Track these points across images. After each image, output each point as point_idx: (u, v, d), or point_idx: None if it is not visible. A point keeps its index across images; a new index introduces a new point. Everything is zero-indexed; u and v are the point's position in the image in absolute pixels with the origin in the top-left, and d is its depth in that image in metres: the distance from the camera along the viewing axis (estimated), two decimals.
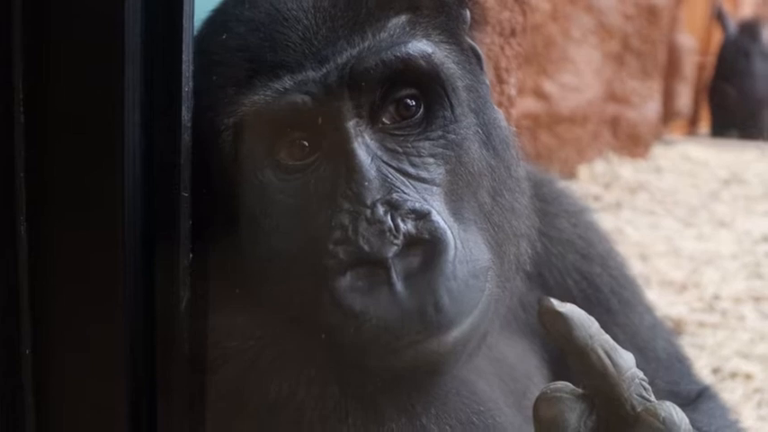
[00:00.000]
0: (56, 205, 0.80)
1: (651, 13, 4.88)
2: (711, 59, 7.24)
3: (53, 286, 0.81)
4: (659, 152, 5.27)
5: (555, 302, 0.71)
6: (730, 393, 2.10)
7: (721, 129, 7.04)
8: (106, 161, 0.79)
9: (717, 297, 2.78)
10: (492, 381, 0.95)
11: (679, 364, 1.14)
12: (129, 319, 0.81)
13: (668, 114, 5.88)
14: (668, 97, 5.82)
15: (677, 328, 2.51)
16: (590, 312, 0.73)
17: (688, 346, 2.43)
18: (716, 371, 2.24)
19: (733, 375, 2.22)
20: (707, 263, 3.15)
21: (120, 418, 0.82)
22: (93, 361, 0.82)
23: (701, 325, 2.54)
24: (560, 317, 0.70)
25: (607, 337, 0.70)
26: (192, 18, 0.79)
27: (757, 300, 2.78)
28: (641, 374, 0.70)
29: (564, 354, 0.72)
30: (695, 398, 1.11)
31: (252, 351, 0.85)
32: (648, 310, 1.15)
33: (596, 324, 0.71)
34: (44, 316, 0.81)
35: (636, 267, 1.22)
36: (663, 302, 2.61)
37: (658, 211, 3.95)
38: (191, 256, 0.83)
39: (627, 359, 0.70)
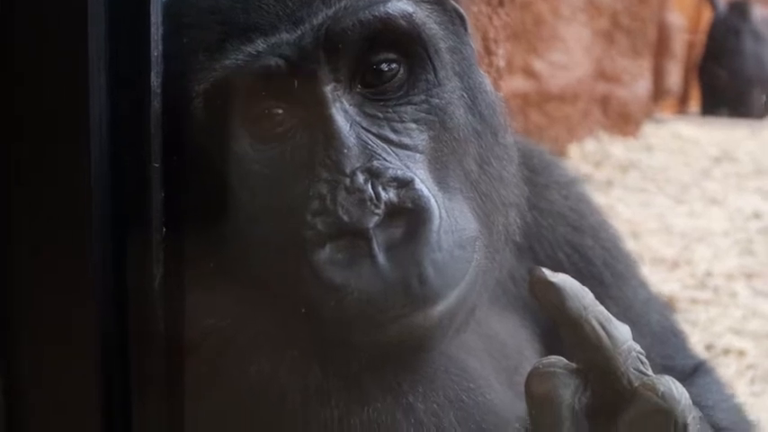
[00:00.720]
0: (18, 181, 0.76)
1: None
2: (701, 38, 7.22)
3: (18, 267, 0.77)
4: (650, 130, 5.26)
5: (547, 272, 0.68)
6: (723, 370, 2.08)
7: (711, 107, 7.03)
8: (71, 132, 0.75)
9: (709, 274, 2.76)
10: (482, 357, 0.91)
11: (674, 338, 1.11)
12: (101, 299, 0.77)
13: (658, 93, 5.86)
14: (658, 75, 5.80)
15: (670, 304, 2.49)
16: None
17: (681, 322, 2.42)
18: (709, 347, 2.23)
19: (726, 352, 2.21)
20: (699, 240, 3.14)
21: (95, 403, 0.78)
22: (63, 344, 0.78)
23: (694, 302, 2.53)
24: (552, 287, 0.67)
25: (602, 308, 0.67)
26: None
27: (749, 276, 2.77)
28: (638, 347, 0.67)
29: (557, 326, 0.69)
30: (691, 372, 1.08)
31: (230, 329, 0.81)
32: (642, 283, 1.12)
33: (590, 295, 0.68)
34: (9, 298, 0.77)
35: (628, 245, 1.19)
36: (655, 279, 2.59)
37: (650, 188, 3.94)
38: (163, 230, 0.79)
39: (623, 331, 0.67)
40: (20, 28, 0.73)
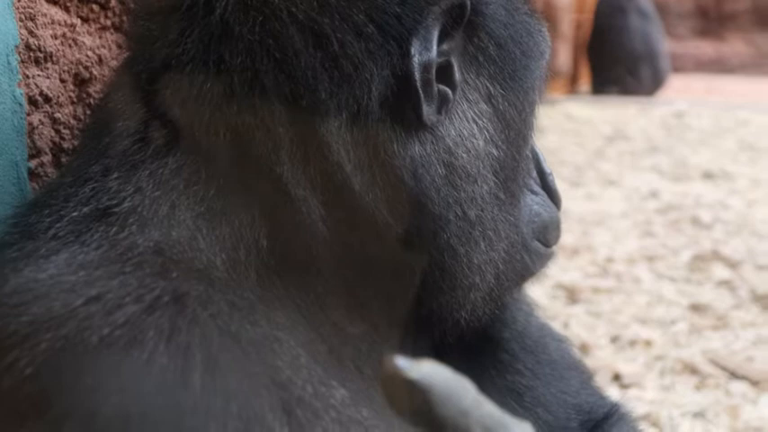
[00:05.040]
0: None
1: None
2: (588, 17, 7.23)
3: None
4: (541, 112, 5.17)
5: (405, 364, 0.42)
6: (631, 363, 1.95)
7: (601, 86, 7.05)
8: None
9: (610, 260, 2.64)
10: None
11: (576, 372, 0.90)
12: None
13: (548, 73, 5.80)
14: None
15: (572, 295, 2.36)
16: None
17: (584, 314, 2.29)
18: (615, 339, 2.10)
19: (632, 343, 2.07)
20: (597, 224, 3.02)
21: None
22: None
23: (596, 290, 2.40)
24: (415, 388, 0.42)
25: (489, 409, 0.43)
26: None
27: (651, 259, 2.66)
28: None
29: None
30: (602, 419, 0.88)
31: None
32: (533, 309, 0.91)
33: (472, 392, 0.42)
34: None
35: None
36: (555, 269, 2.44)
37: None
38: None
39: None
40: None
